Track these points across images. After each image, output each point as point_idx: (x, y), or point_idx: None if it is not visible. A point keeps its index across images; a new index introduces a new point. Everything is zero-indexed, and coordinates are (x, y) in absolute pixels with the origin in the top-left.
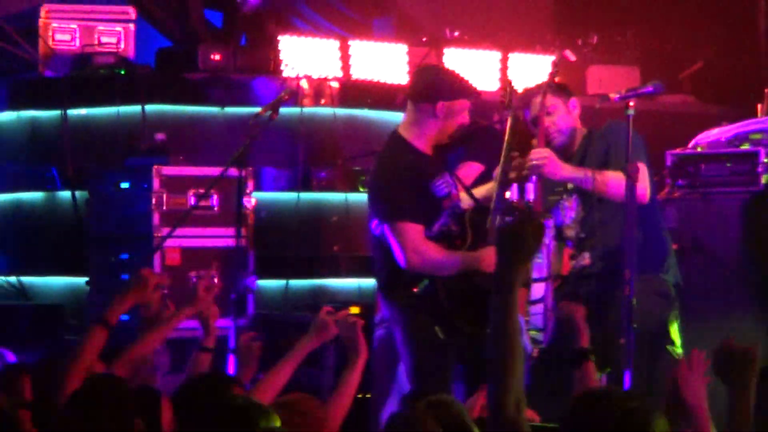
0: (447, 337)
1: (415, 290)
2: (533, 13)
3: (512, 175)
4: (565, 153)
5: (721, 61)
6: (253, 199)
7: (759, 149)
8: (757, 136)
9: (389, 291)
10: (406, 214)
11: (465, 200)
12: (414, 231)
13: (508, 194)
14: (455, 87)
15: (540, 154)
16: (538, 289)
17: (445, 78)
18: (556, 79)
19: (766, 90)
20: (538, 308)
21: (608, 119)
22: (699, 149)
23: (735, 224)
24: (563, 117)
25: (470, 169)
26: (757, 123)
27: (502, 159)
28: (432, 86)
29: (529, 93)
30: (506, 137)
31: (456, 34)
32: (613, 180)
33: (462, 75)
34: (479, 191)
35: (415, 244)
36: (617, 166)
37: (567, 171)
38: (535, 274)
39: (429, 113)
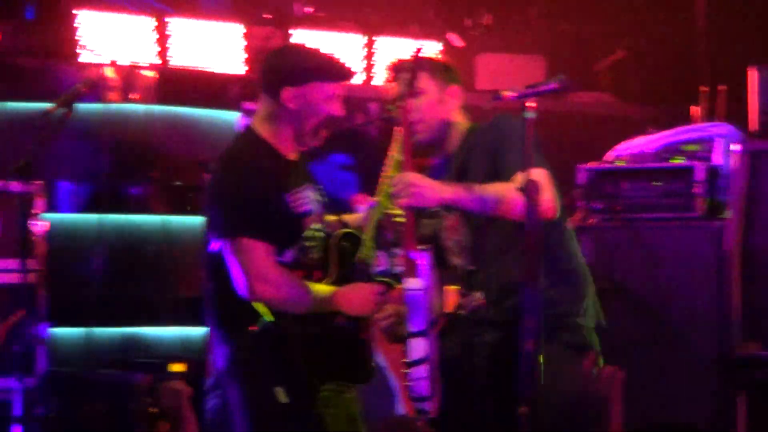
0: (293, 401)
1: (253, 329)
2: None
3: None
4: (436, 153)
5: (648, 51)
6: (44, 222)
7: (694, 164)
8: (693, 148)
9: (223, 330)
10: (254, 230)
11: (333, 224)
12: (261, 251)
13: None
14: (308, 67)
15: (400, 182)
16: (417, 347)
17: (296, 57)
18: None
19: (703, 89)
20: (420, 371)
21: (497, 114)
22: (619, 163)
23: (665, 259)
24: (432, 105)
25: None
26: (693, 131)
27: (383, 175)
28: (278, 69)
29: (399, 66)
30: (391, 152)
31: (309, 10)
32: (509, 195)
33: (326, 53)
34: (352, 219)
35: (261, 267)
36: (510, 173)
37: (445, 193)
38: (412, 327)
39: (278, 104)
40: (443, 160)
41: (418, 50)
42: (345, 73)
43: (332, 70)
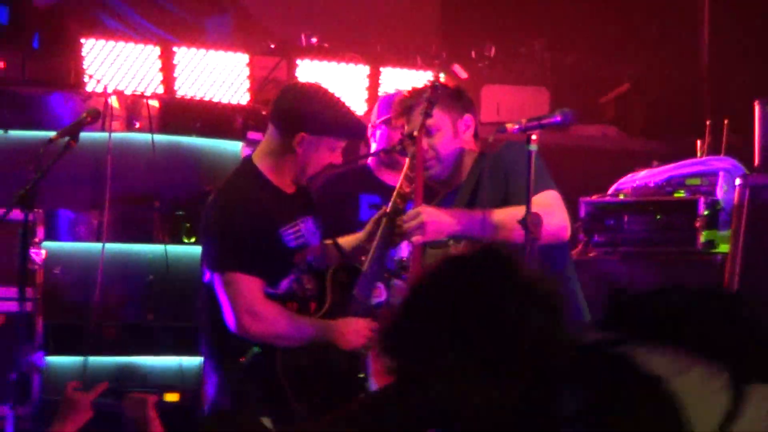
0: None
1: (242, 360)
2: (415, 18)
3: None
4: (447, 183)
5: (652, 84)
6: (44, 250)
7: (698, 198)
8: (695, 182)
9: (214, 360)
10: (244, 264)
11: (331, 255)
12: (250, 286)
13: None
14: (330, 122)
15: (415, 220)
16: None
17: (318, 105)
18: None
19: (707, 122)
20: None
21: (507, 141)
22: (621, 196)
23: None
24: (447, 140)
25: None
26: (696, 164)
27: (389, 208)
28: (297, 112)
29: (410, 100)
30: (400, 181)
31: (314, 40)
32: (514, 221)
33: (344, 105)
34: (348, 241)
35: (249, 302)
36: (519, 198)
37: (456, 224)
38: None
39: (286, 144)
40: (454, 189)
41: (436, 79)
42: (361, 133)
43: (349, 128)
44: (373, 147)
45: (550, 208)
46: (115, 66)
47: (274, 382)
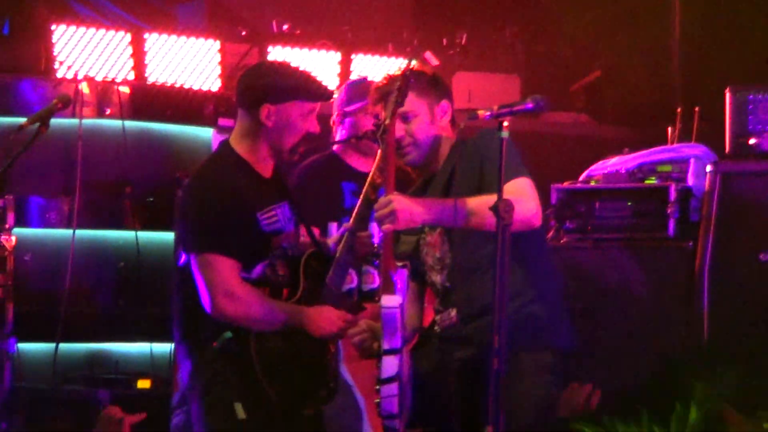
0: (251, 417)
1: (214, 345)
2: (387, 5)
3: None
4: (424, 169)
5: (623, 72)
6: (14, 237)
7: (669, 185)
8: (667, 168)
9: (187, 345)
10: (220, 246)
11: (304, 243)
12: (227, 267)
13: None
14: (288, 86)
15: (385, 208)
16: (390, 365)
17: (276, 75)
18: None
19: (678, 110)
20: (391, 389)
21: (482, 129)
22: (593, 182)
23: (636, 279)
24: (424, 126)
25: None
26: (667, 151)
27: (361, 198)
28: (257, 86)
29: (387, 87)
30: (372, 170)
31: (285, 27)
32: (485, 208)
33: (305, 71)
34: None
35: (226, 283)
36: (492, 186)
37: (427, 213)
38: (386, 344)
39: (256, 121)
40: (430, 176)
41: (407, 68)
42: (324, 93)
43: (312, 90)
44: (339, 135)
45: (522, 196)
46: (86, 52)
47: (247, 367)
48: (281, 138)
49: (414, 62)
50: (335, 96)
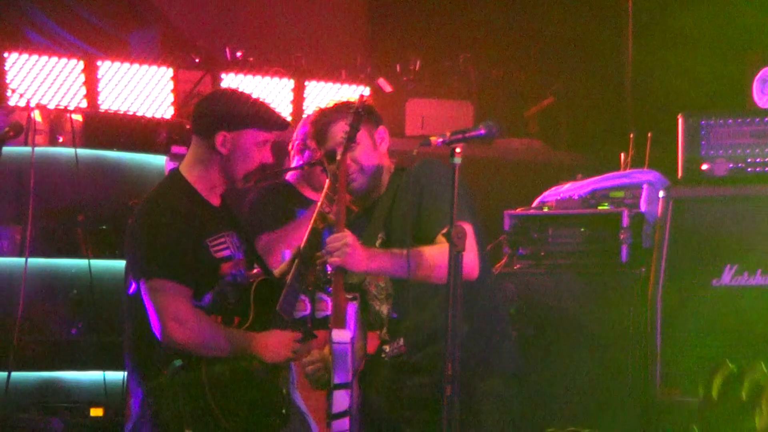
0: None
1: (164, 372)
2: (340, 32)
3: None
4: (367, 199)
5: (576, 98)
6: None
7: (622, 211)
8: (619, 194)
9: (138, 373)
10: (170, 272)
11: (254, 271)
12: (177, 293)
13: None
14: (245, 113)
15: (339, 241)
16: (341, 399)
17: (233, 102)
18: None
19: (630, 135)
20: (342, 424)
21: (423, 159)
22: (546, 209)
23: (589, 305)
24: (368, 152)
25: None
26: (620, 177)
27: (310, 226)
28: (214, 113)
29: (326, 116)
30: (321, 199)
31: (238, 54)
32: (439, 259)
33: (261, 100)
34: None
35: (177, 309)
36: (434, 225)
37: (370, 263)
38: (337, 379)
39: (210, 148)
40: (370, 204)
41: (359, 104)
42: (280, 123)
43: (268, 119)
44: (295, 164)
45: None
46: (39, 80)
47: (198, 395)
48: (235, 166)
49: (365, 92)
50: (292, 125)
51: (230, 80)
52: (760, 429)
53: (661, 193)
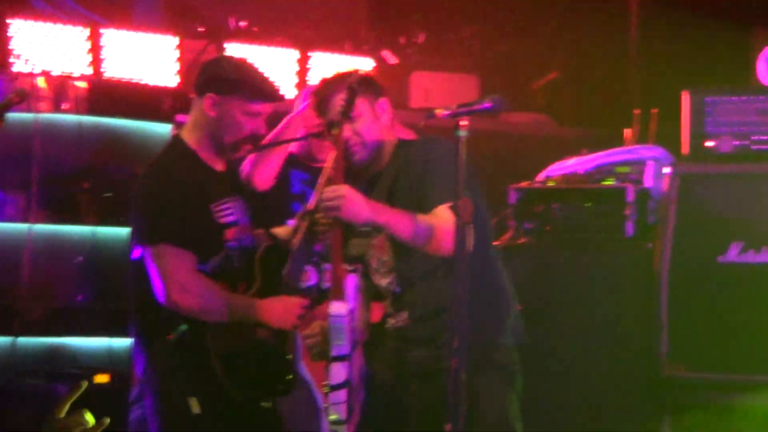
0: (206, 411)
1: (170, 337)
2: (345, 3)
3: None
4: (369, 172)
5: (582, 73)
6: None
7: (627, 186)
8: (624, 169)
9: (142, 339)
10: (174, 237)
11: (260, 236)
12: (181, 258)
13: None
14: (234, 79)
15: (334, 193)
16: (338, 372)
17: (226, 67)
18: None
19: (635, 111)
20: (339, 395)
21: (427, 136)
22: (551, 183)
23: (594, 280)
24: (369, 124)
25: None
26: (625, 152)
27: (316, 197)
28: (206, 73)
29: (328, 88)
30: (325, 171)
31: (243, 24)
32: (441, 231)
33: (258, 71)
34: (279, 230)
35: (180, 275)
36: (432, 204)
37: (374, 214)
38: (334, 351)
39: (203, 110)
40: (372, 176)
41: (354, 72)
42: (269, 95)
43: (256, 89)
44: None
45: (446, 230)
46: (43, 47)
47: (203, 360)
48: (221, 132)
49: (363, 70)
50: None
51: (234, 50)
52: None
53: (666, 170)
